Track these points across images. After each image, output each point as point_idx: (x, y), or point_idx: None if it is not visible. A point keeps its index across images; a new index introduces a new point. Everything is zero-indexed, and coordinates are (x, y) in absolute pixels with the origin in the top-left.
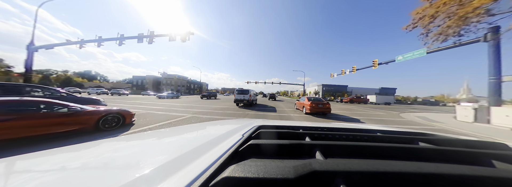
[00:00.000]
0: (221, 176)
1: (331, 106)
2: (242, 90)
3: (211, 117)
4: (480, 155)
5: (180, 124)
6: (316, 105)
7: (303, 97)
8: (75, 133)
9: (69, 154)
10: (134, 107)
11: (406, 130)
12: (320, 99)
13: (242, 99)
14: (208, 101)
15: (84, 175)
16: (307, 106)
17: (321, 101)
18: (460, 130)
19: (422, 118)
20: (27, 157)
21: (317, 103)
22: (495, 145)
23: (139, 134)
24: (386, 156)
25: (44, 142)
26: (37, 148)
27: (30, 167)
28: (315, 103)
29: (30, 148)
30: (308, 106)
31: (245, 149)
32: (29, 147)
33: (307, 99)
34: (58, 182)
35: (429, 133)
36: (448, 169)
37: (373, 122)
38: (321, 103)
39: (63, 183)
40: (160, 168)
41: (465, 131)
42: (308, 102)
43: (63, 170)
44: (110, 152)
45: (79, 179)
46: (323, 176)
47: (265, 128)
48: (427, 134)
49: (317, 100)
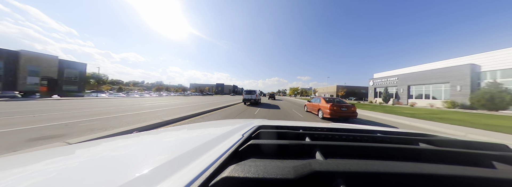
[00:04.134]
0: (221, 176)
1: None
2: (249, 91)
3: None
4: (480, 156)
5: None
6: (338, 108)
7: (317, 97)
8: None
9: (68, 154)
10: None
11: (406, 130)
12: (342, 101)
13: (249, 98)
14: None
15: (83, 174)
16: (326, 108)
17: (344, 103)
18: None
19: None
20: (27, 156)
21: (339, 105)
22: (496, 146)
23: (139, 133)
24: (386, 157)
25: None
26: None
27: (29, 166)
28: (337, 106)
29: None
30: (328, 110)
31: (245, 149)
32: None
33: (323, 99)
34: (58, 181)
35: (429, 134)
36: (448, 170)
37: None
38: (344, 105)
39: (63, 182)
40: (160, 167)
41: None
42: (327, 104)
43: (62, 169)
44: (110, 151)
45: (78, 178)
46: (323, 176)
47: (265, 128)
48: (427, 134)
49: (339, 102)
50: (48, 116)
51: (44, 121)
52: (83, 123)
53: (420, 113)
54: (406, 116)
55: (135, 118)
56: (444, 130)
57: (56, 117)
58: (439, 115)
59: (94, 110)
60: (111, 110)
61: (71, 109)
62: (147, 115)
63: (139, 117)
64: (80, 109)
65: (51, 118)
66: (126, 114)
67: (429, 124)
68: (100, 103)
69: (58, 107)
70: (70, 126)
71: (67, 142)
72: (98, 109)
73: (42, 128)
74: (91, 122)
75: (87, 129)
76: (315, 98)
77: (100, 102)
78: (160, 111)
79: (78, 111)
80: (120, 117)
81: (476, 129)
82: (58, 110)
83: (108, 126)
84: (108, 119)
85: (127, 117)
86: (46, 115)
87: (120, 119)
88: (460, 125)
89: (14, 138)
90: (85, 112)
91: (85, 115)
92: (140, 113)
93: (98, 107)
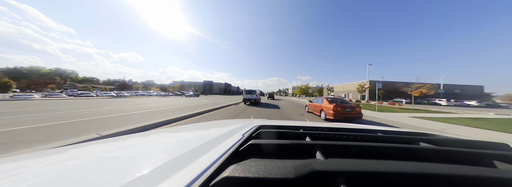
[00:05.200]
0: (221, 176)
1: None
2: (249, 91)
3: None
4: (481, 155)
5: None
6: (342, 108)
7: (319, 97)
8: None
9: (68, 154)
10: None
11: (406, 130)
12: (345, 101)
13: (250, 98)
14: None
15: (83, 174)
16: (329, 109)
17: (348, 103)
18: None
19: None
20: (27, 157)
21: (343, 106)
22: (497, 145)
23: (139, 133)
24: (387, 156)
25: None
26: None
27: (29, 167)
28: (341, 106)
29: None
30: (331, 110)
31: (246, 149)
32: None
33: (326, 100)
34: (58, 181)
35: (430, 133)
36: (449, 169)
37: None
38: (349, 106)
39: (63, 183)
40: (160, 167)
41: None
42: (330, 104)
43: (62, 169)
44: (110, 151)
45: (78, 179)
46: (324, 176)
47: (266, 128)
48: (427, 134)
49: (343, 102)
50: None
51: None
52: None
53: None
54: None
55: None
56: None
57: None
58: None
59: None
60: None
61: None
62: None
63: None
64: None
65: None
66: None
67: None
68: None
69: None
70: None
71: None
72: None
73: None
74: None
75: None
76: (317, 98)
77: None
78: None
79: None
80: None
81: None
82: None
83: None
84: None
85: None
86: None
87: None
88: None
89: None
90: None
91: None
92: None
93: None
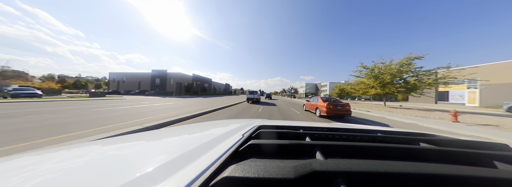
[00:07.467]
0: (221, 176)
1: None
2: (252, 91)
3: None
4: (481, 156)
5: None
6: (334, 106)
7: (315, 97)
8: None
9: (68, 153)
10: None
11: (406, 130)
12: (338, 100)
13: (252, 97)
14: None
15: (84, 174)
16: (322, 107)
17: (339, 102)
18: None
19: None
20: (27, 156)
21: (335, 104)
22: (497, 146)
23: (140, 133)
24: (387, 157)
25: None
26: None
27: (30, 166)
28: (333, 104)
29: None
30: (324, 108)
31: (245, 149)
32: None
33: (321, 99)
34: (58, 181)
35: (430, 134)
36: (449, 170)
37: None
38: (340, 104)
39: (63, 182)
40: (160, 167)
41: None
42: (323, 102)
43: (63, 169)
44: (110, 151)
45: (79, 178)
46: (324, 176)
47: (265, 128)
48: (428, 134)
49: (335, 101)
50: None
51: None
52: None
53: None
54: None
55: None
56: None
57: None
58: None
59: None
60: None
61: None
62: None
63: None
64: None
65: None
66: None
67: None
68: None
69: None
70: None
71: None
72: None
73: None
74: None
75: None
76: (313, 97)
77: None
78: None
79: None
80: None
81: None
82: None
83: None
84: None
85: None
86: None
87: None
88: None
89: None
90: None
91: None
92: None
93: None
